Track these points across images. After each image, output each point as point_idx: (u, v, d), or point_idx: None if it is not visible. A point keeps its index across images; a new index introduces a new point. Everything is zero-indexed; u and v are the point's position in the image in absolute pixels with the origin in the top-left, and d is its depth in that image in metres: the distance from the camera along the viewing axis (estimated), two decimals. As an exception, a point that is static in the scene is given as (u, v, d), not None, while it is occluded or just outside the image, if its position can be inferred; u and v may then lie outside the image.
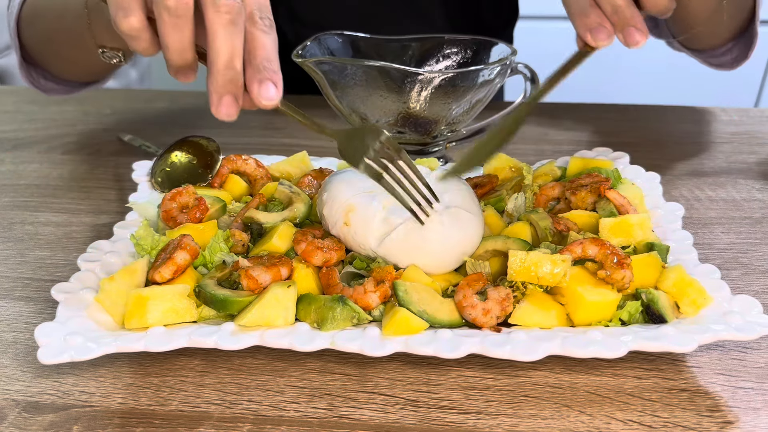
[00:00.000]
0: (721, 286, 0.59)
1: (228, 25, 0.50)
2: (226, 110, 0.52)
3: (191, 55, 0.53)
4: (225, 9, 0.50)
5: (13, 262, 0.72)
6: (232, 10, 0.50)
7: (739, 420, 0.52)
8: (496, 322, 0.57)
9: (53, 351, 0.53)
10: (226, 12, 0.50)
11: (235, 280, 0.61)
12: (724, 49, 0.90)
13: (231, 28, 0.50)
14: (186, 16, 0.50)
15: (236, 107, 0.52)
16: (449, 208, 0.62)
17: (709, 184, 0.86)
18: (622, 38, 0.60)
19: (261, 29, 0.52)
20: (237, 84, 0.52)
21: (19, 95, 1.18)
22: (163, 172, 0.78)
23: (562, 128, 1.01)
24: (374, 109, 0.79)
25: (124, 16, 0.51)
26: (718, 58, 0.92)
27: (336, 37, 0.85)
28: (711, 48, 0.91)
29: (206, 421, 0.52)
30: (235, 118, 0.52)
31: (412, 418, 0.52)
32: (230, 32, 0.50)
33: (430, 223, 0.61)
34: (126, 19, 0.51)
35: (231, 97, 0.52)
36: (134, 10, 0.51)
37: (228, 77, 0.51)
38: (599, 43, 0.60)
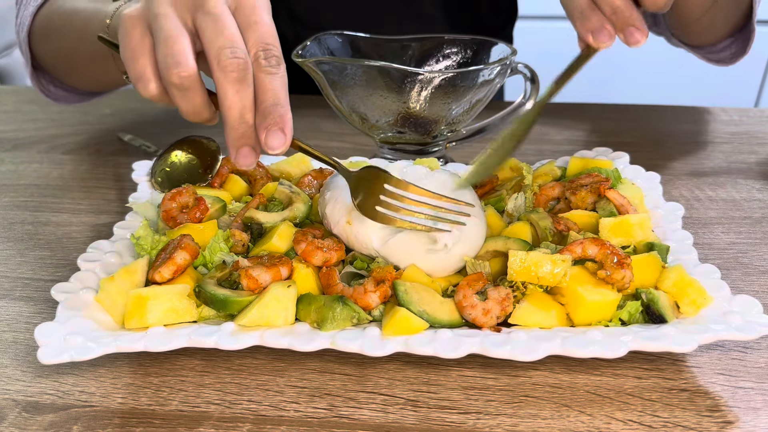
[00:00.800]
0: (721, 286, 0.59)
1: (235, 83, 0.52)
2: (244, 161, 0.54)
3: (207, 113, 0.56)
4: (230, 68, 0.51)
5: (13, 262, 0.72)
6: (238, 68, 0.52)
7: (739, 420, 0.52)
8: (496, 322, 0.57)
9: (53, 351, 0.53)
10: (232, 71, 0.51)
11: (235, 280, 0.61)
12: (722, 45, 0.90)
13: (238, 85, 0.52)
14: (193, 88, 0.53)
15: (254, 156, 0.54)
16: None
17: (709, 184, 0.86)
18: (623, 38, 0.60)
19: (267, 72, 0.53)
20: (251, 136, 0.53)
21: (19, 95, 1.18)
22: (163, 172, 0.78)
23: (562, 128, 1.01)
24: (374, 109, 0.79)
25: (143, 85, 0.54)
26: (717, 54, 0.92)
27: (336, 37, 0.85)
28: (709, 44, 0.91)
29: (206, 421, 0.52)
30: (254, 166, 0.56)
31: (412, 418, 0.52)
32: (238, 89, 0.52)
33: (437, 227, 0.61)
34: (145, 87, 0.54)
35: (247, 148, 0.54)
36: (151, 78, 0.54)
37: (241, 131, 0.53)
38: (601, 44, 0.60)
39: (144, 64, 0.54)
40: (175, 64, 0.51)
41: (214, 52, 0.52)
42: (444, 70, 0.87)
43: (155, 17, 0.53)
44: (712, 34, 0.88)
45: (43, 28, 0.86)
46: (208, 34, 0.52)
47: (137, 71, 0.54)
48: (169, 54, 0.52)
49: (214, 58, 0.52)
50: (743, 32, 0.87)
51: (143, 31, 0.54)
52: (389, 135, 0.83)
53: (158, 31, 0.53)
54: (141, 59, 0.54)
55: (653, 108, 1.10)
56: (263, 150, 0.54)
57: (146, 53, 0.54)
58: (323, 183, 0.74)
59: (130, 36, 0.54)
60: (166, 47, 0.52)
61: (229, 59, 0.51)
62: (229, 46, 0.52)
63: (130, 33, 0.54)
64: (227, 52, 0.51)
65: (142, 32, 0.54)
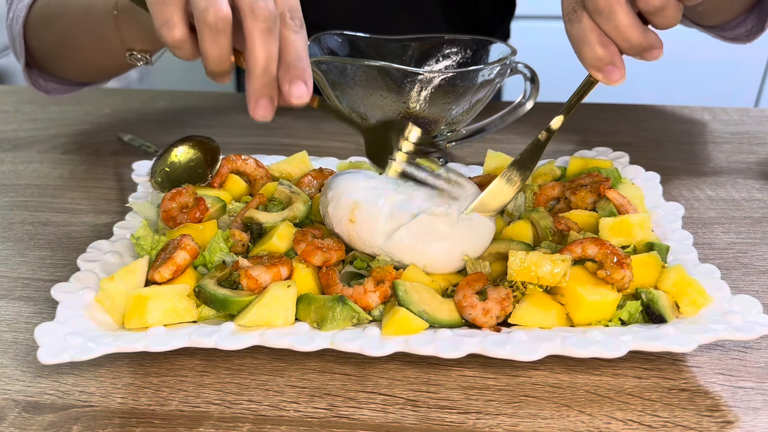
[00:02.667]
0: (721, 285, 0.59)
1: (265, 32, 0.53)
2: (263, 112, 0.55)
3: (229, 64, 0.56)
4: (262, 17, 0.53)
5: (13, 262, 0.72)
6: (269, 18, 0.53)
7: (739, 420, 0.52)
8: (496, 321, 0.57)
9: (53, 351, 0.53)
10: (263, 20, 0.53)
11: (235, 280, 0.61)
12: (736, 22, 0.86)
13: (267, 35, 0.53)
14: (225, 31, 0.53)
15: (272, 109, 0.55)
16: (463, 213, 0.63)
17: (709, 184, 0.86)
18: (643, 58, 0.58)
19: (292, 30, 0.55)
20: (273, 87, 0.55)
21: (19, 95, 1.18)
22: (162, 172, 0.78)
23: (562, 128, 1.01)
24: (374, 109, 0.79)
25: (168, 30, 0.54)
26: (733, 31, 0.88)
27: (336, 37, 0.85)
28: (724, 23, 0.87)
29: (206, 421, 0.52)
30: (270, 119, 0.56)
31: (412, 418, 0.52)
32: (267, 39, 0.53)
33: (442, 224, 0.61)
34: (170, 32, 0.54)
35: (267, 99, 0.55)
36: (177, 23, 0.54)
37: (265, 81, 0.54)
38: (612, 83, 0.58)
39: (172, 9, 0.54)
40: (212, 4, 0.52)
41: (247, 2, 0.53)
42: (444, 70, 0.87)
43: None
44: (725, 12, 0.85)
45: (40, 17, 0.86)
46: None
47: (165, 15, 0.54)
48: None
49: (247, 8, 0.53)
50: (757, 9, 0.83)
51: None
52: (389, 135, 0.83)
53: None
54: (170, 4, 0.54)
55: (653, 108, 1.10)
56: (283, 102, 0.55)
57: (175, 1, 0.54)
58: (323, 183, 0.74)
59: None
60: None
61: (262, 9, 0.53)
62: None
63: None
64: (260, 2, 0.53)
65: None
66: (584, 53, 0.58)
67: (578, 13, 0.57)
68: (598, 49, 0.57)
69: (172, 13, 0.54)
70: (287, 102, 0.55)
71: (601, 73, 0.58)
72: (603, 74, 0.58)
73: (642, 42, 0.56)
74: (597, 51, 0.57)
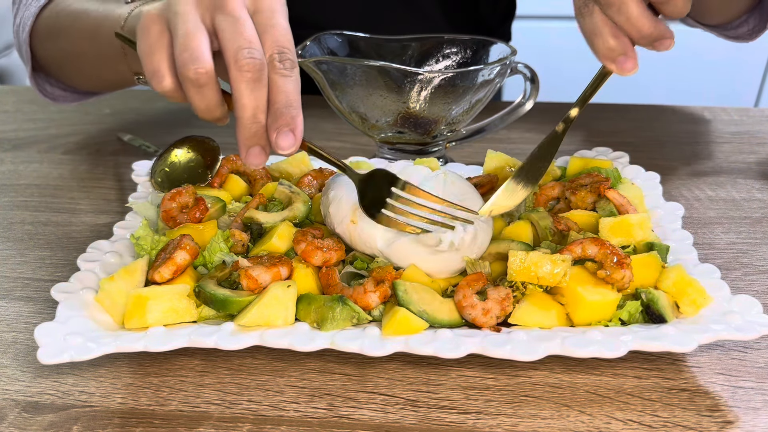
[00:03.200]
0: (721, 285, 0.59)
1: (250, 82, 0.52)
2: (254, 160, 0.55)
3: (219, 112, 0.56)
4: (247, 68, 0.52)
5: (13, 262, 0.72)
6: (254, 68, 0.52)
7: (739, 420, 0.52)
8: (496, 322, 0.57)
9: (53, 351, 0.53)
10: (248, 71, 0.52)
11: (234, 280, 0.61)
12: (739, 21, 0.87)
13: (253, 85, 0.53)
14: (208, 84, 0.53)
15: (264, 156, 0.55)
16: None
17: (709, 184, 0.86)
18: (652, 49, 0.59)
19: (281, 74, 0.54)
20: (262, 136, 0.54)
21: (19, 95, 1.18)
22: (162, 172, 0.78)
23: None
24: (374, 109, 0.79)
25: (157, 81, 0.54)
26: (735, 30, 0.89)
27: (336, 37, 0.85)
28: (726, 22, 0.89)
29: (206, 421, 0.52)
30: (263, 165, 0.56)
31: (412, 418, 0.52)
32: (252, 89, 0.53)
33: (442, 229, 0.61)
34: (159, 83, 0.54)
35: (258, 148, 0.55)
36: (165, 74, 0.54)
37: (253, 130, 0.54)
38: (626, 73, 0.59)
39: (160, 59, 0.54)
40: (192, 60, 0.52)
41: (232, 51, 0.52)
42: (444, 70, 0.87)
43: (175, 15, 0.53)
44: (728, 11, 0.86)
45: (48, 27, 0.86)
46: (226, 34, 0.53)
47: (153, 66, 0.54)
48: (187, 49, 0.52)
49: (231, 58, 0.52)
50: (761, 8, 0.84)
51: (162, 28, 0.54)
52: (389, 135, 0.83)
53: (177, 27, 0.53)
54: (157, 54, 0.54)
55: (653, 108, 1.10)
56: (273, 150, 0.55)
57: (163, 49, 0.54)
58: (324, 183, 0.74)
59: (149, 32, 0.54)
60: (184, 42, 0.52)
61: (246, 59, 0.52)
62: (246, 47, 0.52)
63: (149, 29, 0.54)
64: (245, 52, 0.52)
65: (161, 29, 0.54)
66: (597, 45, 0.59)
67: (590, 6, 0.58)
68: (611, 40, 0.58)
69: (160, 63, 0.54)
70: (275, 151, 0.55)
71: (615, 64, 0.58)
72: (616, 65, 0.58)
73: (653, 32, 0.57)
74: (609, 42, 0.58)
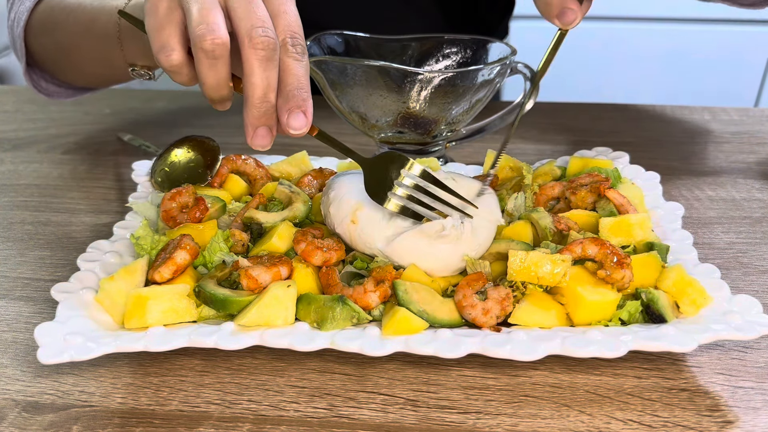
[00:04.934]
0: (721, 285, 0.59)
1: (263, 60, 0.52)
2: (260, 141, 0.54)
3: (227, 90, 0.55)
4: (261, 45, 0.52)
5: (13, 262, 0.72)
6: (268, 46, 0.52)
7: (738, 419, 0.52)
8: (496, 321, 0.57)
9: (53, 351, 0.53)
10: (262, 48, 0.52)
11: (234, 280, 0.61)
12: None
13: (266, 64, 0.52)
14: (222, 57, 0.53)
15: (270, 138, 0.55)
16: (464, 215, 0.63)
17: (709, 183, 0.86)
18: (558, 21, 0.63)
19: (293, 57, 0.54)
20: (271, 116, 0.54)
21: (19, 95, 1.18)
22: (162, 171, 0.78)
23: (562, 128, 1.01)
24: (374, 109, 0.79)
25: (165, 55, 0.53)
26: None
27: (336, 37, 0.85)
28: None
29: (206, 421, 0.52)
30: (269, 147, 0.55)
31: (412, 418, 0.52)
32: (265, 67, 0.52)
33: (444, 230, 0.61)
34: (167, 57, 0.53)
35: (265, 128, 0.54)
36: (175, 48, 0.53)
37: (263, 110, 0.53)
38: (569, 25, 0.63)
39: (170, 33, 0.53)
40: (209, 31, 0.51)
41: (245, 29, 0.52)
42: (444, 70, 0.87)
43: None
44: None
45: (42, 22, 0.86)
46: (240, 12, 0.53)
47: (162, 40, 0.53)
48: (204, 21, 0.52)
49: (245, 35, 0.52)
50: None
51: (173, 5, 0.54)
52: (389, 135, 0.83)
53: (190, 3, 0.52)
54: (168, 28, 0.53)
55: (653, 108, 1.10)
56: (281, 132, 0.55)
57: (174, 23, 0.53)
58: (324, 183, 0.74)
59: (158, 7, 0.54)
60: (200, 15, 0.52)
61: (261, 37, 0.52)
62: (260, 25, 0.52)
63: (159, 4, 0.54)
64: (259, 30, 0.52)
65: (172, 5, 0.54)
66: (538, 4, 0.64)
67: None
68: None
69: (170, 38, 0.53)
70: (285, 132, 0.55)
71: (558, 19, 0.63)
72: (559, 20, 0.63)
73: None
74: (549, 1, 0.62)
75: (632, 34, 2.09)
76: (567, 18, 0.62)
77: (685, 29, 2.05)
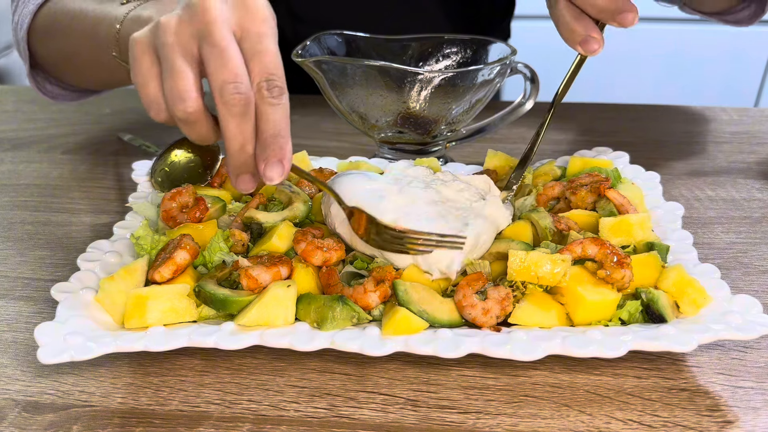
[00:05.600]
0: (720, 285, 0.59)
1: (236, 116, 0.53)
2: (244, 186, 0.56)
3: (212, 139, 0.57)
4: (232, 103, 0.52)
5: (13, 261, 0.72)
6: (240, 103, 0.52)
7: (738, 419, 0.52)
8: (496, 321, 0.57)
9: (53, 351, 0.53)
10: (234, 106, 0.52)
11: (234, 280, 0.61)
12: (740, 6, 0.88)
13: (239, 119, 0.53)
14: (198, 121, 0.54)
15: (253, 183, 0.56)
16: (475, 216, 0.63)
17: (709, 183, 0.86)
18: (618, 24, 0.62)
19: (268, 103, 0.54)
20: (251, 165, 0.55)
21: (19, 95, 1.18)
22: (162, 171, 0.78)
23: (562, 128, 1.01)
24: (374, 109, 0.79)
25: (155, 114, 0.55)
26: (735, 15, 0.90)
27: (336, 37, 0.85)
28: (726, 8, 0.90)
29: (206, 420, 0.52)
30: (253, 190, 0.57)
31: (412, 418, 0.52)
32: (239, 122, 0.53)
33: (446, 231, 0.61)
34: (157, 115, 0.55)
35: (247, 175, 0.56)
36: (162, 109, 0.55)
37: (241, 161, 0.55)
38: (592, 53, 0.64)
39: (155, 91, 0.54)
40: (180, 100, 0.52)
41: (217, 86, 0.52)
42: (444, 70, 0.87)
43: (162, 46, 0.53)
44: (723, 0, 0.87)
45: (46, 26, 0.86)
46: (212, 67, 0.53)
47: (149, 98, 0.55)
48: (174, 89, 0.52)
49: (217, 92, 0.52)
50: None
51: (152, 59, 0.54)
52: (389, 135, 0.83)
53: (164, 61, 0.53)
54: (151, 85, 0.54)
55: (653, 108, 1.10)
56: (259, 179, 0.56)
57: (155, 80, 0.54)
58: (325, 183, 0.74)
59: (140, 63, 0.55)
60: (171, 81, 0.53)
61: (232, 94, 0.52)
62: (232, 81, 0.52)
63: (140, 60, 0.55)
64: (230, 87, 0.52)
65: (151, 60, 0.54)
66: (562, 31, 0.64)
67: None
68: (573, 24, 0.63)
69: (156, 95, 0.54)
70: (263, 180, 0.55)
71: (580, 47, 0.64)
72: (582, 47, 0.63)
73: (609, 5, 0.62)
74: (572, 26, 0.63)
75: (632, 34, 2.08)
76: (590, 47, 0.63)
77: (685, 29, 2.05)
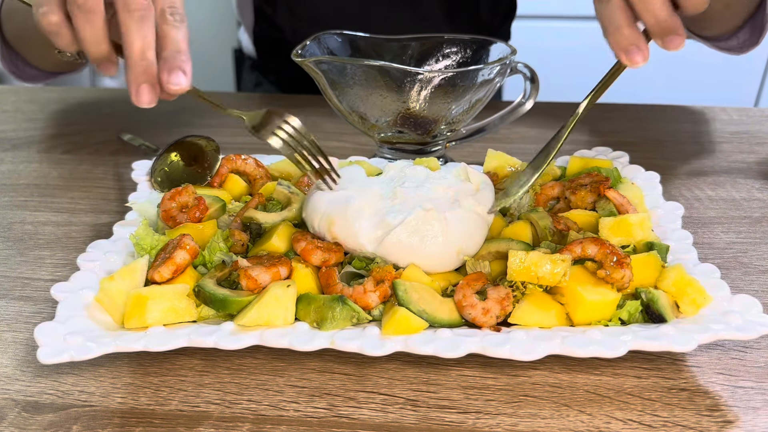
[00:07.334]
0: (720, 285, 0.59)
1: (138, 20, 0.55)
2: (144, 98, 0.56)
3: (107, 46, 0.58)
4: (134, 7, 0.55)
5: (13, 261, 0.72)
6: (141, 7, 0.55)
7: (738, 419, 0.52)
8: (496, 321, 0.57)
9: (53, 351, 0.53)
10: (135, 9, 0.55)
11: (234, 280, 0.61)
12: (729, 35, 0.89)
13: (140, 23, 0.55)
14: (96, 11, 0.56)
15: (154, 95, 0.57)
16: (454, 208, 0.62)
17: (709, 183, 0.86)
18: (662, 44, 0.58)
19: (170, 24, 0.57)
20: (151, 73, 0.56)
21: (19, 95, 1.18)
22: (162, 171, 0.78)
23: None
24: (374, 109, 0.79)
25: (43, 15, 0.57)
26: (727, 43, 0.91)
27: (335, 37, 0.85)
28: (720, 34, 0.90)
29: (206, 420, 0.52)
30: (154, 105, 0.57)
31: (411, 418, 0.52)
32: (139, 27, 0.55)
33: (431, 222, 0.61)
34: (45, 17, 0.57)
35: (147, 85, 0.56)
36: (53, 8, 0.57)
37: (142, 67, 0.56)
38: (634, 65, 0.58)
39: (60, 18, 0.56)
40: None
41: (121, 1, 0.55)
42: (444, 69, 0.87)
43: None
44: (724, 24, 0.87)
45: (6, 10, 0.90)
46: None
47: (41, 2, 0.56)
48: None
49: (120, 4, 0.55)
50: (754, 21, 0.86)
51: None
52: (389, 135, 0.83)
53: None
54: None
55: (653, 108, 1.10)
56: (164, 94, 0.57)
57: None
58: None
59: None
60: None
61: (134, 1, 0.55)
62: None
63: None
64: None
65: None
66: (610, 32, 0.58)
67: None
68: (625, 28, 0.57)
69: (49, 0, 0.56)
70: (167, 90, 0.57)
71: (625, 54, 0.58)
72: (626, 55, 0.58)
73: (668, 21, 0.56)
74: (623, 30, 0.57)
75: (632, 34, 2.08)
76: (634, 57, 0.58)
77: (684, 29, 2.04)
